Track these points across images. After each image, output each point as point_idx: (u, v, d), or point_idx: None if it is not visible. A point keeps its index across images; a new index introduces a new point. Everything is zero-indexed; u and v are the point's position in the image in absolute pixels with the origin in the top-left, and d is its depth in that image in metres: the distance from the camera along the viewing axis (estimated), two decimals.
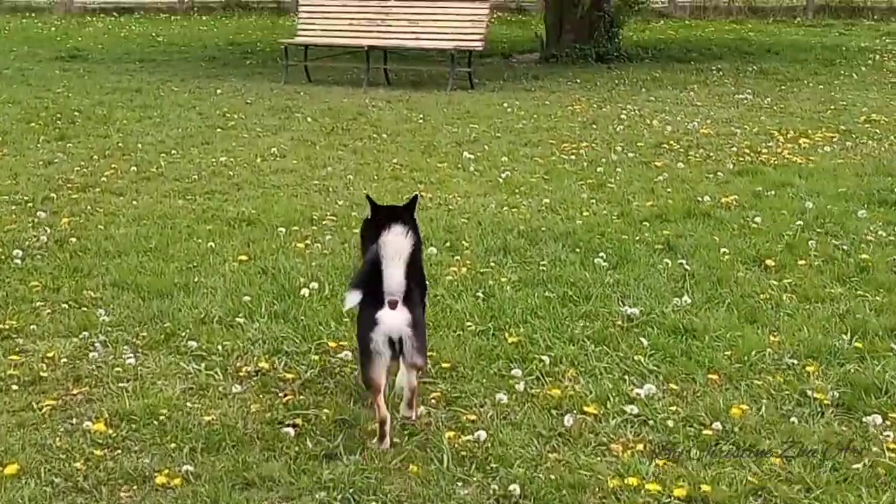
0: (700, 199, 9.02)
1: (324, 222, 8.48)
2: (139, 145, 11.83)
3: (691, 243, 7.72)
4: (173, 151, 11.49)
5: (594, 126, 12.76)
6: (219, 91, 16.08)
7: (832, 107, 14.10)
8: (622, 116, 13.37)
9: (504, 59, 20.19)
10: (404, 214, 4.89)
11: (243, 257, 7.53)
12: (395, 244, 4.44)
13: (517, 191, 9.50)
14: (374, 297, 4.52)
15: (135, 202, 9.30)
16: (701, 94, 15.38)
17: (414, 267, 4.60)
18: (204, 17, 28.46)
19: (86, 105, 14.65)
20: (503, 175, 10.03)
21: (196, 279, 7.02)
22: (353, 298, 4.64)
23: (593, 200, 9.09)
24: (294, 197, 9.50)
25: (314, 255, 7.57)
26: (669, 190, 9.38)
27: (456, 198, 9.30)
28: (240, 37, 24.16)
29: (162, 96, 15.53)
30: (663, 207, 8.75)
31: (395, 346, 4.53)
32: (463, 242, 7.80)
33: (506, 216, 8.57)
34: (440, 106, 14.71)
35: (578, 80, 16.93)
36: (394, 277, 4.46)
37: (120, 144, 11.89)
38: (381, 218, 4.82)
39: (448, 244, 7.78)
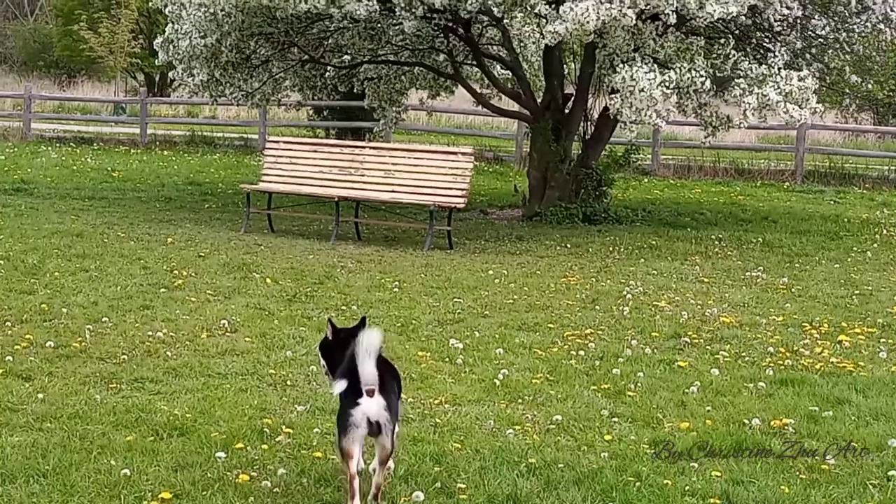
0: (747, 421, 7.15)
1: (277, 439, 6.53)
2: (65, 308, 9.88)
3: (756, 497, 5.82)
4: (104, 318, 9.55)
5: (596, 307, 10.93)
6: (170, 240, 14.20)
7: (856, 291, 12.37)
8: (625, 295, 11.56)
9: (483, 214, 18.48)
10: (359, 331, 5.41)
11: (166, 495, 5.56)
12: (367, 343, 5.21)
13: (519, 397, 7.61)
14: (354, 385, 5.24)
15: (42, 393, 7.34)
16: (705, 268, 13.63)
17: (384, 362, 5.40)
18: (165, 153, 26.74)
19: (16, 251, 12.72)
20: (500, 374, 8.12)
21: None
22: (341, 386, 5.33)
23: (615, 419, 7.19)
24: (243, 392, 7.57)
25: (261, 497, 5.60)
26: (709, 408, 7.49)
27: (443, 405, 7.39)
28: (201, 175, 22.40)
29: (105, 244, 13.63)
30: (704, 433, 6.87)
31: (372, 425, 5.25)
32: (458, 483, 5.86)
33: (509, 440, 6.65)
34: (417, 269, 12.89)
35: (568, 245, 15.17)
36: (367, 371, 5.20)
37: (43, 306, 9.94)
38: (340, 338, 5.67)
39: (439, 484, 5.84)
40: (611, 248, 14.94)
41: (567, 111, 18.56)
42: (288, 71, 18.68)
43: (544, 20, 14.45)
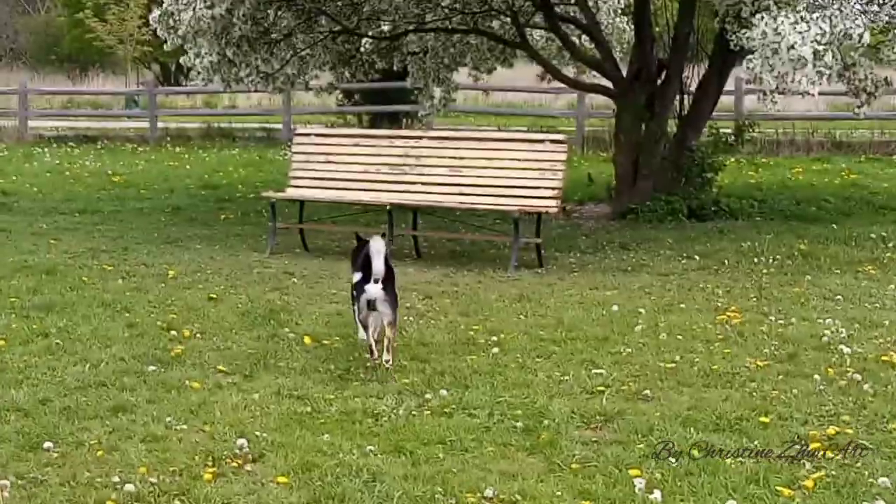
0: None
1: None
2: None
3: None
4: (48, 444, 5.69)
5: (809, 373, 6.98)
6: (172, 273, 10.36)
7: None
8: (829, 343, 7.65)
9: (565, 214, 14.56)
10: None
11: None
12: (377, 246, 6.94)
13: None
14: (366, 275, 6.98)
15: None
16: None
17: (388, 262, 7.01)
18: (177, 149, 22.80)
19: None
20: None
21: None
22: (357, 276, 7.13)
23: None
24: None
25: None
26: None
27: None
28: (217, 176, 18.49)
29: (83, 285, 9.78)
30: None
31: (371, 305, 6.92)
32: None
33: None
34: (510, 306, 9.03)
35: (692, 255, 11.27)
36: (378, 265, 6.90)
37: None
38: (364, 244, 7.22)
39: None
40: (753, 259, 11.01)
41: (660, 82, 14.62)
42: (316, 46, 14.76)
43: None
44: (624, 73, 14.74)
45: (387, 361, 6.94)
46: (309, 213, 12.35)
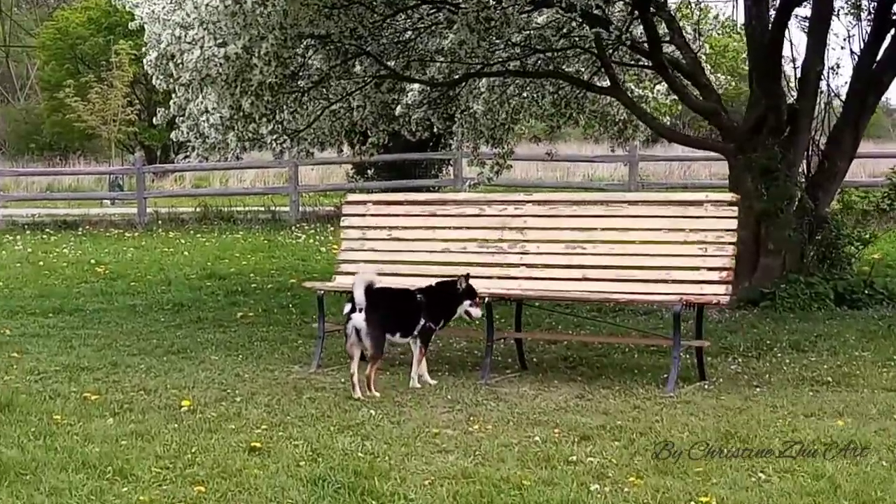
0: None
1: None
2: None
3: None
4: None
5: None
6: (185, 403, 6.88)
7: None
8: None
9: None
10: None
11: None
12: (359, 277, 7.17)
13: None
14: (353, 306, 7.18)
15: None
16: None
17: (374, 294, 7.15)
18: (171, 234, 19.29)
19: None
20: None
21: None
22: (347, 308, 7.20)
23: None
24: None
25: None
26: None
27: None
28: (222, 263, 14.98)
29: (54, 428, 6.30)
30: None
31: (357, 333, 7.08)
32: None
33: None
34: (721, 456, 5.60)
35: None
36: (358, 295, 7.05)
37: None
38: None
39: None
40: None
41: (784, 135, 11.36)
42: (351, 97, 11.46)
43: None
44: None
45: (369, 397, 7.03)
46: None
